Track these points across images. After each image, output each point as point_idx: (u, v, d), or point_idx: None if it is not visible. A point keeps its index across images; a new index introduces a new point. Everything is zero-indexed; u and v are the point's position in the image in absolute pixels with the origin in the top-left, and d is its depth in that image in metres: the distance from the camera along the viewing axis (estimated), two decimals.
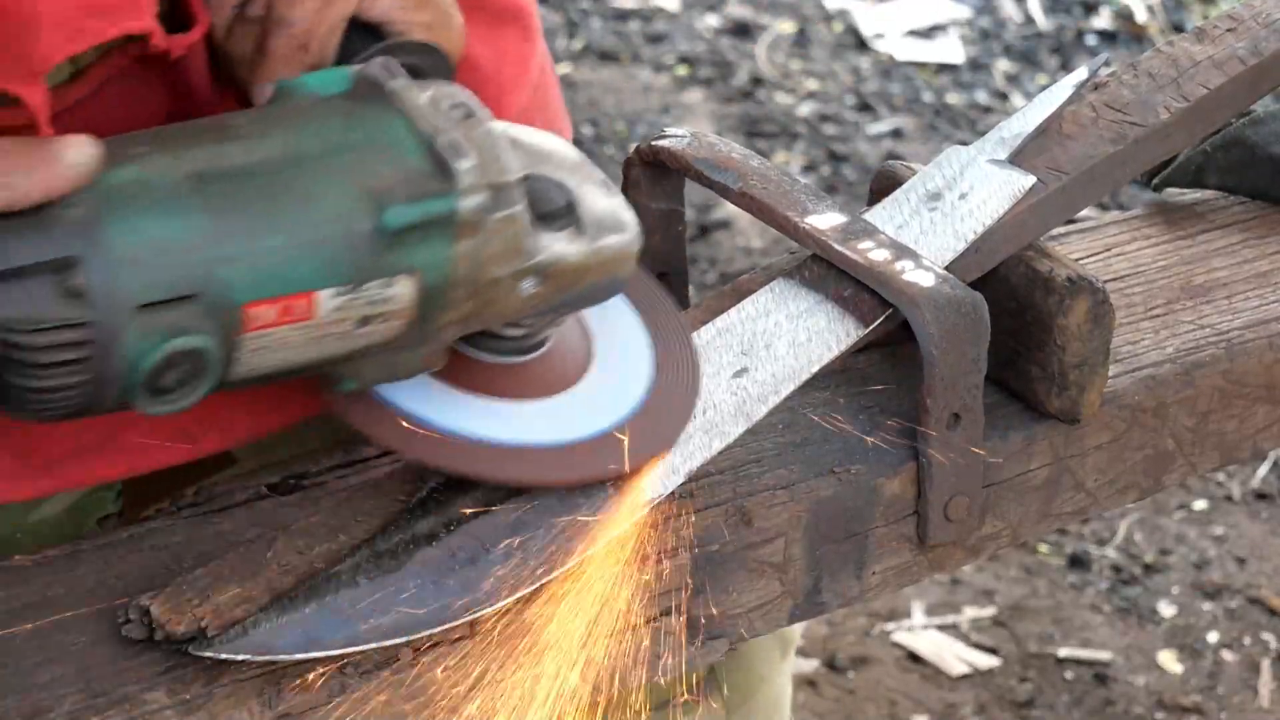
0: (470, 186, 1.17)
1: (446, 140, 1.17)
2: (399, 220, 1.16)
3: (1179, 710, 2.78)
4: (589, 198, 1.24)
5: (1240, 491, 3.18)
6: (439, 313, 1.20)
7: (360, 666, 1.24)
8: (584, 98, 4.16)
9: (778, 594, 1.39)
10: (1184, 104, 1.54)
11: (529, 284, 1.21)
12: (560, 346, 1.31)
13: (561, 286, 1.23)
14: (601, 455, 1.29)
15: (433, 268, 1.18)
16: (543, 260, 1.21)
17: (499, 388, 1.29)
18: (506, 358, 1.29)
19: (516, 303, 1.22)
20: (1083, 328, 1.43)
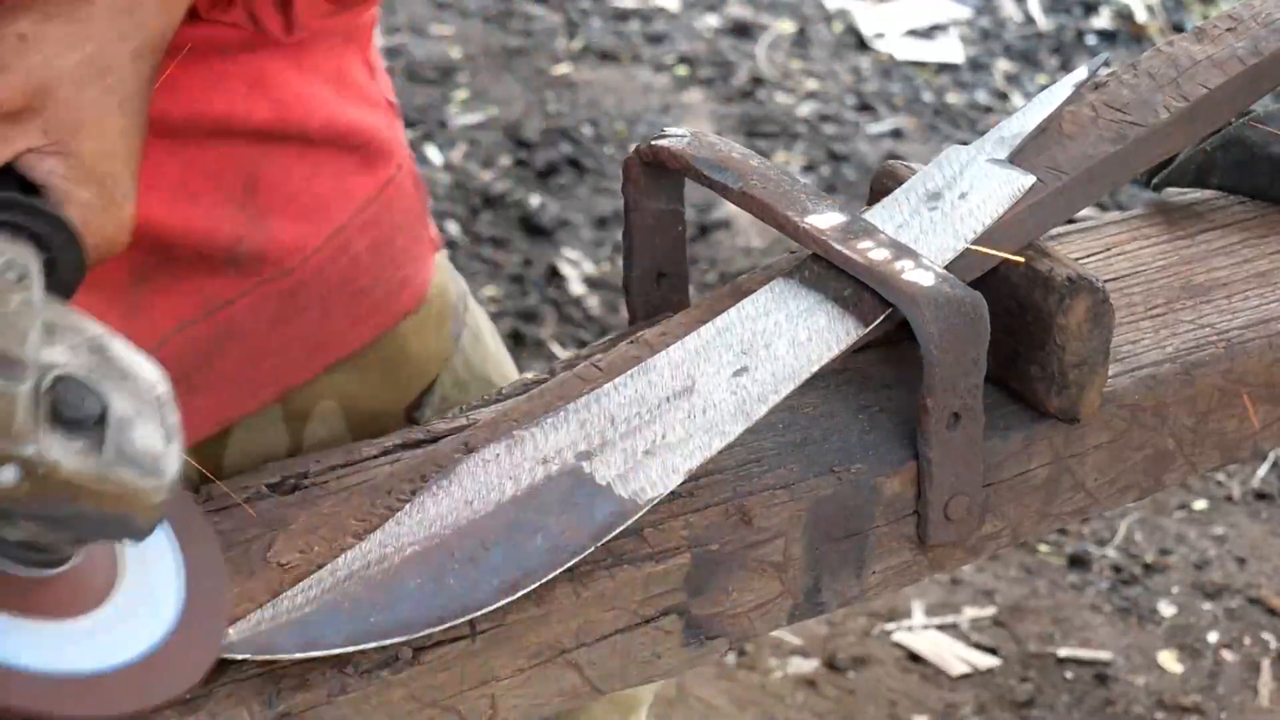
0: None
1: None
2: None
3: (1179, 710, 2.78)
4: (137, 432, 1.15)
5: (1240, 491, 3.18)
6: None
7: (360, 666, 1.24)
8: (584, 98, 4.16)
9: (777, 593, 1.39)
10: (1184, 104, 1.54)
11: (8, 473, 1.12)
12: (81, 571, 1.22)
13: (49, 494, 1.14)
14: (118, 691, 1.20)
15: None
16: (30, 456, 1.13)
17: (10, 599, 1.19)
18: (24, 569, 1.19)
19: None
20: (1082, 327, 1.43)
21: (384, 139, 1.58)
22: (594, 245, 3.75)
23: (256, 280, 1.50)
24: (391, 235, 1.59)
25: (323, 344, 1.56)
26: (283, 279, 1.51)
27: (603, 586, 1.32)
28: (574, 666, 1.32)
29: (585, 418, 1.36)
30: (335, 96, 1.53)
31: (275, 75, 1.48)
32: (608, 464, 1.33)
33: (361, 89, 1.57)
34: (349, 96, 1.55)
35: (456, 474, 1.34)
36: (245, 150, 1.47)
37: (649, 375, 1.39)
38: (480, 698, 1.29)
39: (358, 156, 1.55)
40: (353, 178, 1.55)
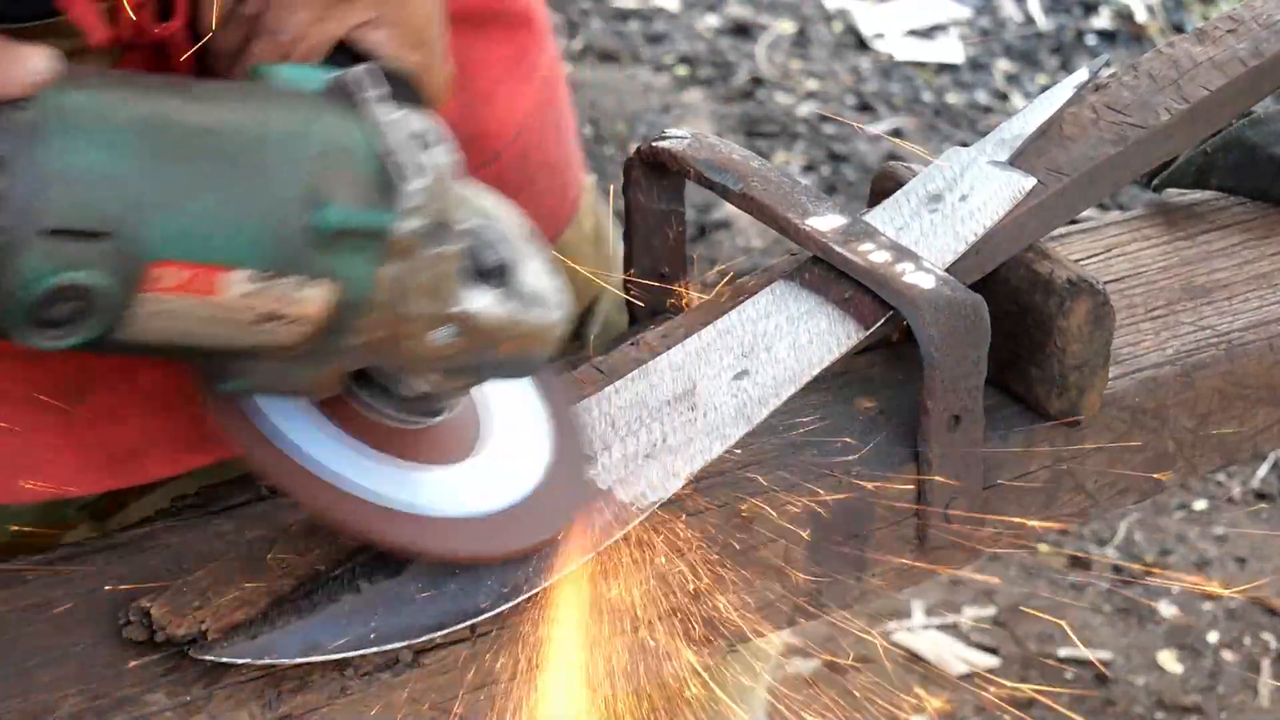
0: (412, 210, 1.15)
1: (400, 161, 1.15)
2: (334, 220, 1.13)
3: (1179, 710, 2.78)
4: (527, 269, 1.21)
5: (1240, 491, 3.18)
6: (348, 332, 1.17)
7: (360, 669, 1.24)
8: (584, 98, 4.16)
9: (778, 595, 1.39)
10: (1184, 105, 1.54)
11: (444, 332, 1.18)
12: (457, 419, 1.27)
13: (476, 345, 1.20)
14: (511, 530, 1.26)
15: (354, 282, 1.15)
16: (464, 311, 1.18)
17: (396, 447, 1.25)
18: (406, 418, 1.25)
19: (427, 349, 1.19)
20: (1083, 329, 1.43)
21: (544, 15, 1.60)
22: None
23: (472, 166, 1.52)
24: (562, 111, 1.63)
25: (537, 223, 1.57)
26: (495, 162, 1.53)
27: (604, 588, 1.31)
28: (574, 668, 1.32)
29: (586, 420, 1.36)
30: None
31: None
32: (608, 468, 1.33)
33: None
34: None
35: None
36: (459, 38, 1.49)
37: (649, 378, 1.38)
38: (480, 700, 1.28)
39: (532, 33, 1.57)
40: (531, 54, 1.57)
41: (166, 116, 1.12)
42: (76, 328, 1.10)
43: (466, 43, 1.49)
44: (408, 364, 1.20)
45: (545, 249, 1.23)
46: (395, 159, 1.15)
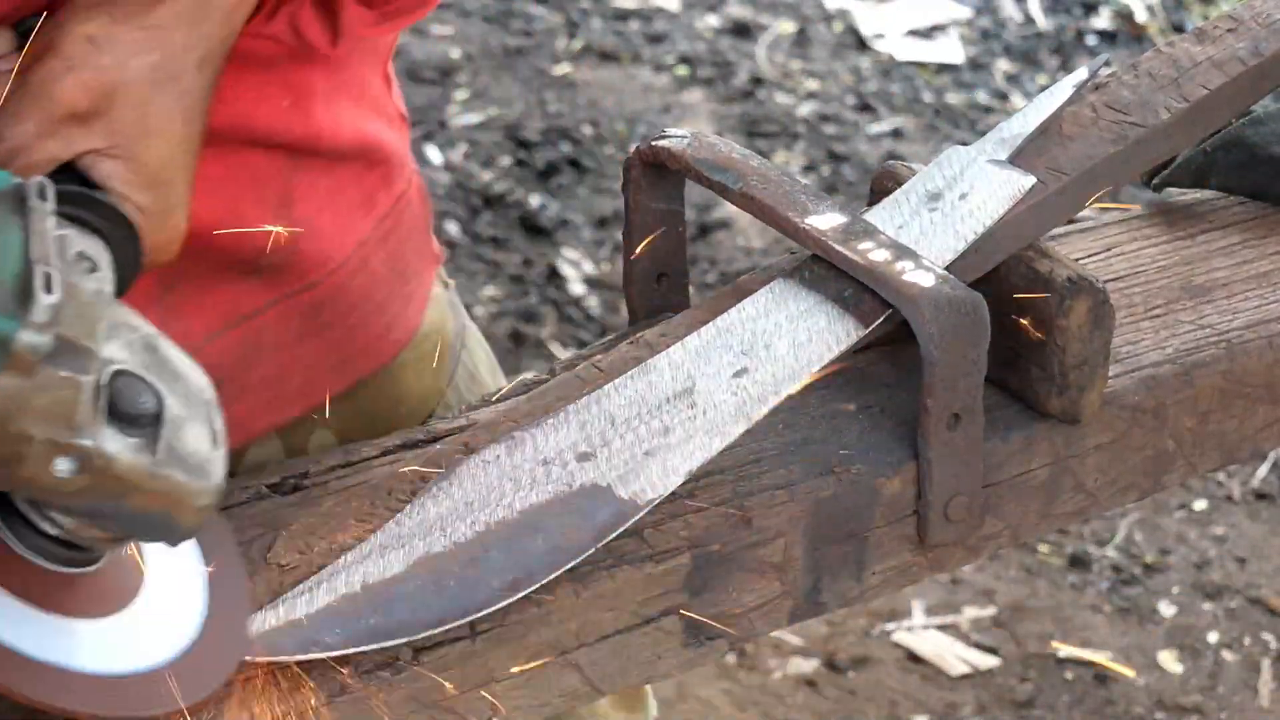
0: (40, 324, 1.08)
1: (44, 272, 1.09)
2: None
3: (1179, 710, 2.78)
4: (188, 434, 1.15)
5: (1240, 491, 3.18)
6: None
7: (360, 666, 1.24)
8: (584, 98, 4.16)
9: (777, 594, 1.39)
10: (1184, 104, 1.54)
11: (64, 464, 1.12)
12: (113, 572, 1.22)
13: (102, 489, 1.13)
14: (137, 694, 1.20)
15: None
16: (89, 447, 1.11)
17: (36, 593, 1.19)
18: (54, 565, 1.19)
19: (46, 477, 1.12)
20: (1083, 328, 1.43)
21: (400, 153, 1.58)
22: (594, 245, 3.75)
23: (283, 292, 1.50)
24: (403, 249, 1.59)
25: (343, 361, 1.56)
26: (307, 292, 1.51)
27: (603, 587, 1.32)
28: (574, 667, 1.32)
29: (585, 419, 1.36)
30: (361, 111, 1.54)
31: (312, 89, 1.48)
32: (608, 465, 1.33)
33: (381, 103, 1.57)
34: (372, 111, 1.55)
35: (457, 475, 1.34)
36: (283, 162, 1.47)
37: (649, 376, 1.39)
38: (480, 698, 1.28)
39: (379, 172, 1.55)
40: (374, 192, 1.55)
41: None
42: None
43: (299, 171, 1.48)
44: (30, 492, 1.15)
45: (217, 421, 1.18)
46: (38, 269, 1.09)
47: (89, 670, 1.18)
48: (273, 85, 1.46)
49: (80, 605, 1.20)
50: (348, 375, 1.57)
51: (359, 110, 1.53)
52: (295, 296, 1.51)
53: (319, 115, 1.49)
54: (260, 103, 1.45)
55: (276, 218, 1.47)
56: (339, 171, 1.52)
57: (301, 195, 1.49)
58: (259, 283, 1.49)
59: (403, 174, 1.59)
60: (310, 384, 1.54)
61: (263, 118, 1.45)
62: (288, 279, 1.50)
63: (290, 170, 1.48)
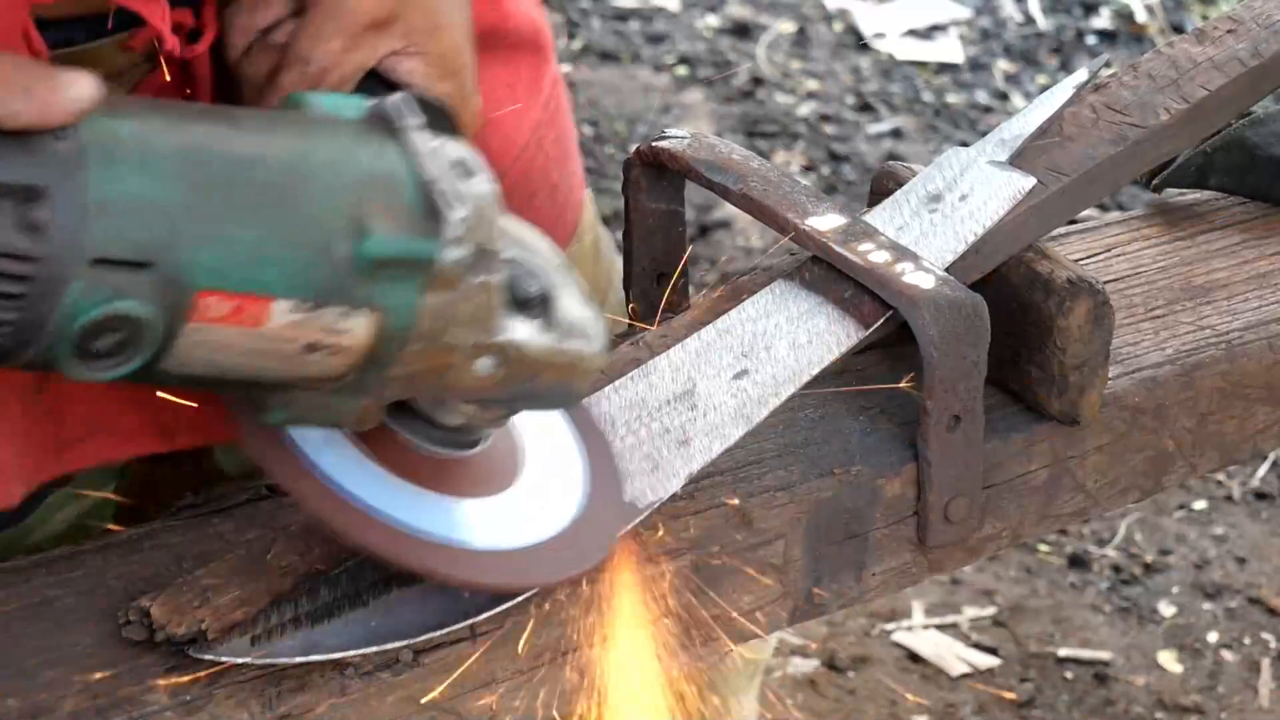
0: (456, 239, 1.13)
1: (443, 189, 1.14)
2: (378, 250, 1.12)
3: (1179, 710, 2.78)
4: (565, 300, 1.21)
5: (1240, 491, 3.18)
6: (390, 363, 1.15)
7: (360, 668, 1.24)
8: (584, 98, 4.16)
9: (778, 595, 1.39)
10: (1184, 105, 1.54)
11: (486, 362, 1.17)
12: (494, 449, 1.27)
13: (517, 376, 1.19)
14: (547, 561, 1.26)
15: (397, 311, 1.13)
16: (506, 340, 1.17)
17: (433, 479, 1.24)
18: (442, 449, 1.24)
19: (469, 379, 1.18)
20: (1083, 329, 1.43)
21: (547, 34, 1.60)
22: None
23: None
24: (565, 127, 1.63)
25: None
26: (501, 179, 1.53)
27: (603, 588, 1.31)
28: (574, 668, 1.32)
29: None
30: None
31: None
32: None
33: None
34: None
35: None
36: None
37: (649, 377, 1.39)
38: (481, 700, 1.28)
39: (542, 54, 1.58)
40: (539, 76, 1.58)
41: (208, 146, 1.11)
42: (123, 358, 1.09)
43: (483, 64, 1.49)
44: (450, 394, 1.20)
45: (581, 281, 1.23)
46: (438, 187, 1.14)
47: (482, 546, 1.23)
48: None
49: (473, 485, 1.25)
50: None
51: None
52: None
53: (491, 5, 1.51)
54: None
55: None
56: (514, 59, 1.55)
57: (486, 88, 1.50)
58: None
59: (552, 53, 1.62)
60: None
61: None
62: None
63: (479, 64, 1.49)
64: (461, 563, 1.22)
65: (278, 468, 1.21)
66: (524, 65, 1.57)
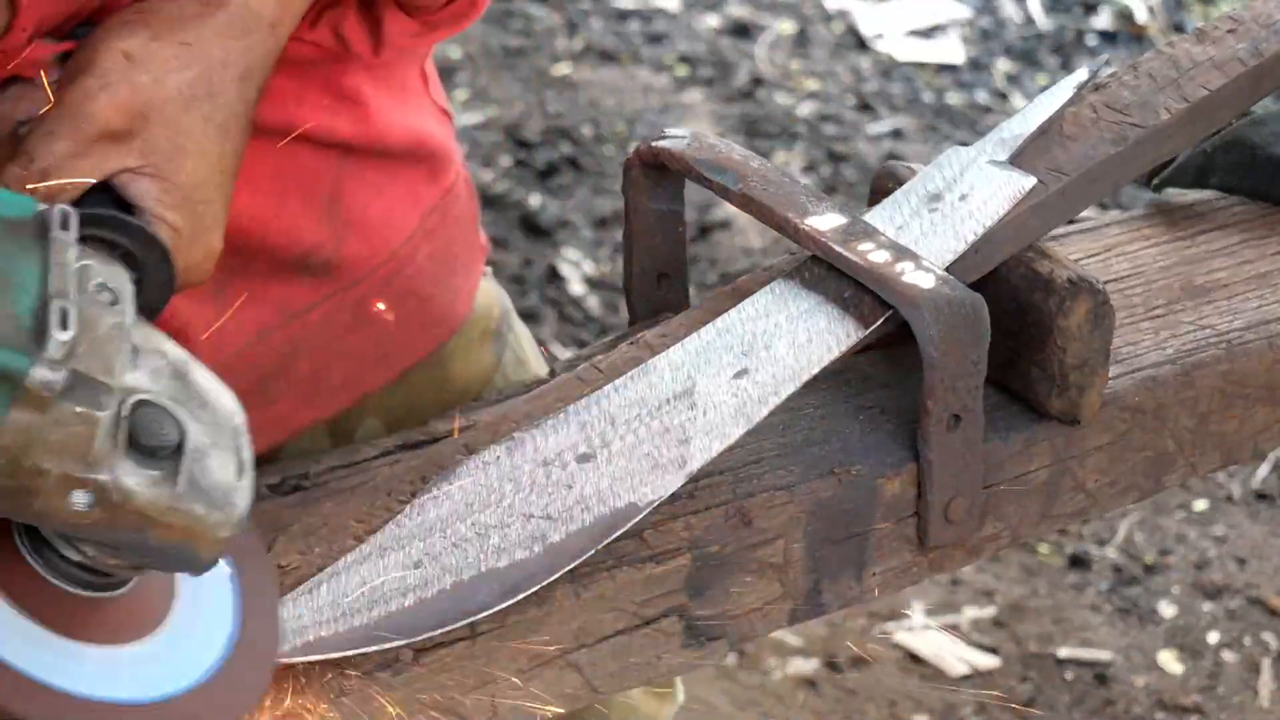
0: (53, 361, 1.08)
1: (60, 306, 1.08)
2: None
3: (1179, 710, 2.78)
4: (212, 463, 1.14)
5: (1240, 492, 3.18)
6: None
7: (361, 668, 1.24)
8: (584, 98, 4.16)
9: (778, 595, 1.39)
10: (1184, 105, 1.54)
11: (80, 498, 1.11)
12: (144, 596, 1.21)
13: (120, 523, 1.12)
14: None
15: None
16: (104, 481, 1.10)
17: (59, 618, 1.17)
18: (75, 588, 1.17)
19: (63, 511, 1.11)
20: (1083, 329, 1.43)
21: (445, 147, 1.59)
22: (594, 245, 3.75)
23: (332, 289, 1.51)
24: (450, 242, 1.59)
25: (389, 353, 1.56)
26: (354, 288, 1.52)
27: (603, 588, 1.32)
28: (574, 668, 1.32)
29: (586, 419, 1.36)
30: (404, 107, 1.54)
31: (354, 89, 1.48)
32: (608, 466, 1.33)
33: (422, 98, 1.58)
34: (415, 106, 1.56)
35: (456, 476, 1.34)
36: (331, 161, 1.47)
37: (649, 377, 1.39)
38: (481, 699, 1.29)
39: (425, 167, 1.56)
40: (420, 188, 1.56)
41: None
42: None
43: (347, 169, 1.48)
44: (47, 524, 1.15)
45: (245, 449, 1.16)
46: (54, 304, 1.08)
47: (108, 698, 1.17)
48: (315, 85, 1.46)
49: (107, 630, 1.18)
50: (394, 367, 1.57)
51: (403, 107, 1.54)
52: (344, 292, 1.51)
53: (363, 113, 1.49)
54: (304, 102, 1.45)
55: (326, 215, 1.47)
56: (386, 167, 1.52)
57: (350, 192, 1.49)
58: (309, 280, 1.49)
59: (449, 168, 1.59)
60: (356, 376, 1.55)
61: (308, 116, 1.45)
62: (337, 276, 1.50)
63: (339, 168, 1.48)
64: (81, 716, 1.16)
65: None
66: (403, 179, 1.54)
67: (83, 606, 1.17)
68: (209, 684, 1.19)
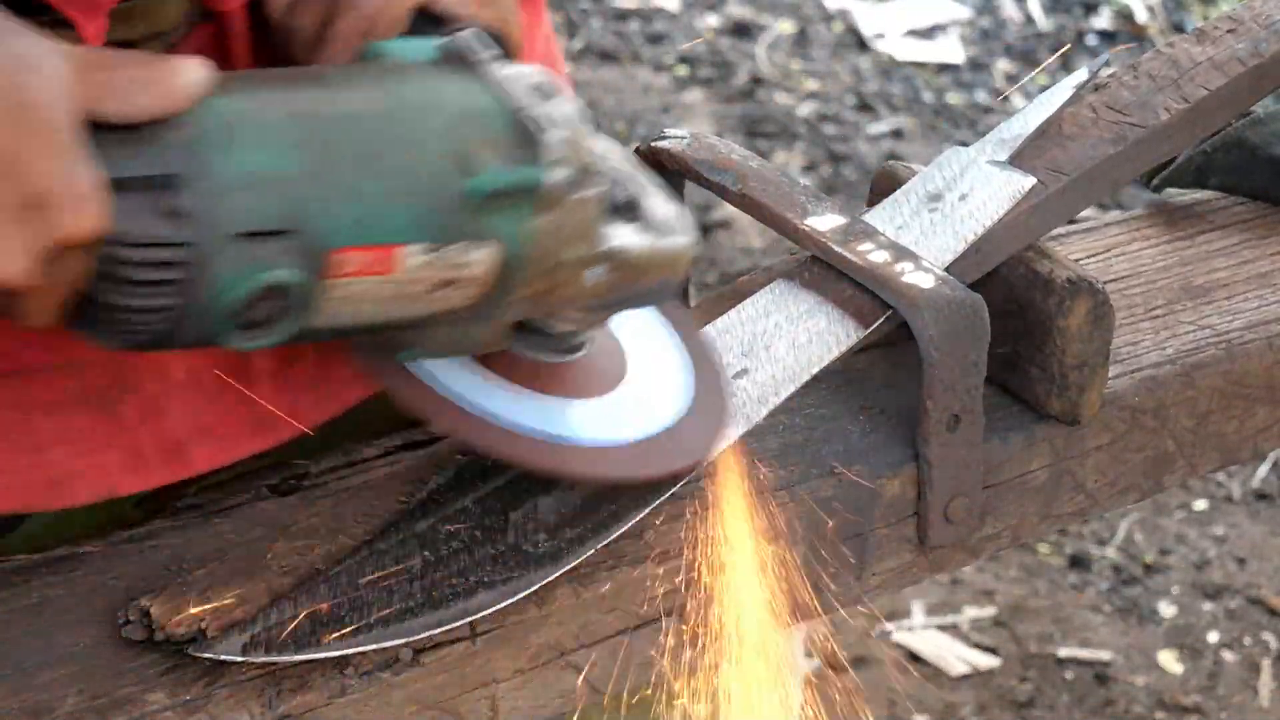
0: (555, 161, 1.18)
1: (534, 114, 1.18)
2: (489, 184, 1.17)
3: (1179, 710, 2.78)
4: (650, 200, 1.25)
5: (1240, 491, 3.18)
6: (513, 287, 1.20)
7: (360, 668, 1.24)
8: (584, 98, 4.16)
9: (778, 595, 1.39)
10: (1184, 105, 1.54)
11: (596, 271, 1.22)
12: (599, 349, 1.32)
13: (624, 279, 1.24)
14: (659, 454, 1.31)
15: (513, 239, 1.18)
16: (611, 248, 1.22)
17: (546, 384, 1.29)
18: (551, 355, 1.29)
19: (581, 289, 1.23)
20: (1083, 329, 1.43)
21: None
22: None
23: None
24: (559, 68, 1.63)
25: None
26: None
27: (603, 588, 1.32)
28: (574, 668, 1.32)
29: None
30: None
31: None
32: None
33: None
34: None
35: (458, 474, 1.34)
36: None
37: None
38: (481, 699, 1.28)
39: (531, 8, 1.58)
40: (529, 30, 1.58)
41: (314, 111, 1.16)
42: (277, 324, 1.15)
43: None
44: (565, 306, 1.25)
45: (656, 177, 1.27)
46: (528, 114, 1.18)
47: (588, 441, 1.28)
48: None
49: (579, 386, 1.30)
50: None
51: None
52: None
53: None
54: None
55: None
56: None
57: None
58: None
59: (545, 12, 1.62)
60: None
61: None
62: None
63: None
64: (600, 461, 1.28)
65: (418, 401, 1.27)
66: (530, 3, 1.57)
67: (552, 369, 1.29)
68: (677, 426, 1.31)
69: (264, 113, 1.14)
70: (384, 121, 1.17)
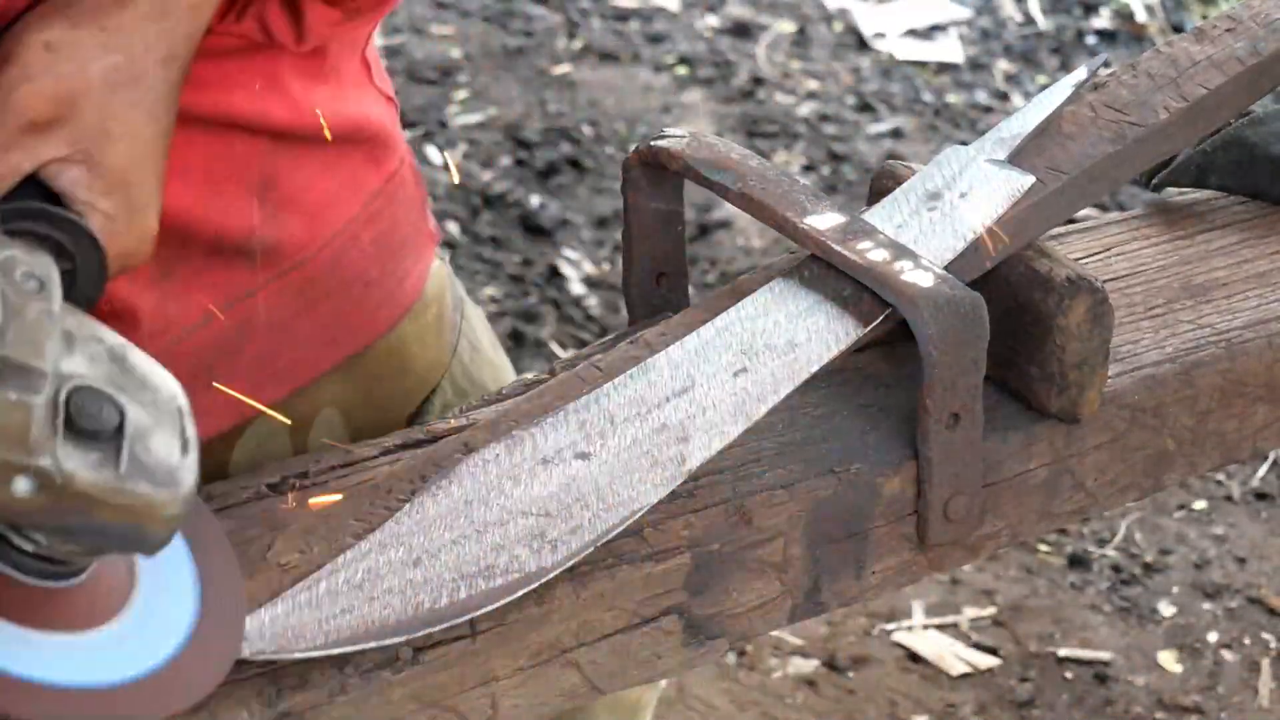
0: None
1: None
2: None
3: (1179, 710, 2.78)
4: (154, 443, 1.14)
5: (1240, 491, 3.18)
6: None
7: (361, 666, 1.25)
8: (584, 98, 4.16)
9: (777, 594, 1.39)
10: (1183, 104, 1.54)
11: (23, 484, 1.10)
12: (96, 583, 1.20)
13: (65, 507, 1.12)
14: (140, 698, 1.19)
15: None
16: (45, 467, 1.10)
17: (16, 610, 1.17)
18: (28, 578, 1.17)
19: (10, 498, 1.11)
20: (1082, 327, 1.43)
21: (388, 132, 1.59)
22: (594, 245, 3.75)
23: (272, 274, 1.51)
24: (395, 227, 1.59)
25: (336, 337, 1.57)
26: (295, 272, 1.52)
27: (603, 586, 1.32)
28: (574, 666, 1.32)
29: (585, 418, 1.37)
30: (341, 93, 1.54)
31: (286, 75, 1.49)
32: (607, 464, 1.33)
33: (363, 83, 1.58)
34: (353, 92, 1.56)
35: (456, 474, 1.34)
36: (263, 146, 1.47)
37: (649, 375, 1.39)
38: (480, 698, 1.29)
39: (364, 151, 1.56)
40: (360, 172, 1.56)
41: None
42: None
43: (280, 154, 1.48)
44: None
45: (188, 427, 1.16)
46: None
47: (67, 683, 1.16)
48: (245, 72, 1.46)
49: (65, 619, 1.18)
50: (340, 350, 1.57)
51: (340, 93, 1.54)
52: (286, 275, 1.51)
53: (295, 99, 1.49)
54: (234, 88, 1.45)
55: (260, 202, 1.47)
56: (323, 153, 1.52)
57: (285, 177, 1.49)
58: (250, 264, 1.49)
59: (393, 153, 1.59)
60: (303, 360, 1.55)
61: (238, 103, 1.45)
62: (277, 259, 1.51)
63: (271, 153, 1.48)
64: (41, 701, 1.16)
65: None
66: (343, 164, 1.54)
67: (39, 596, 1.17)
68: (162, 671, 1.19)
69: None
70: None
